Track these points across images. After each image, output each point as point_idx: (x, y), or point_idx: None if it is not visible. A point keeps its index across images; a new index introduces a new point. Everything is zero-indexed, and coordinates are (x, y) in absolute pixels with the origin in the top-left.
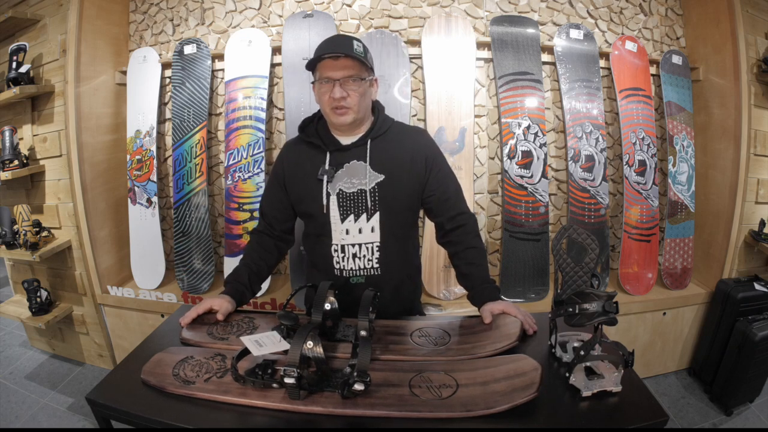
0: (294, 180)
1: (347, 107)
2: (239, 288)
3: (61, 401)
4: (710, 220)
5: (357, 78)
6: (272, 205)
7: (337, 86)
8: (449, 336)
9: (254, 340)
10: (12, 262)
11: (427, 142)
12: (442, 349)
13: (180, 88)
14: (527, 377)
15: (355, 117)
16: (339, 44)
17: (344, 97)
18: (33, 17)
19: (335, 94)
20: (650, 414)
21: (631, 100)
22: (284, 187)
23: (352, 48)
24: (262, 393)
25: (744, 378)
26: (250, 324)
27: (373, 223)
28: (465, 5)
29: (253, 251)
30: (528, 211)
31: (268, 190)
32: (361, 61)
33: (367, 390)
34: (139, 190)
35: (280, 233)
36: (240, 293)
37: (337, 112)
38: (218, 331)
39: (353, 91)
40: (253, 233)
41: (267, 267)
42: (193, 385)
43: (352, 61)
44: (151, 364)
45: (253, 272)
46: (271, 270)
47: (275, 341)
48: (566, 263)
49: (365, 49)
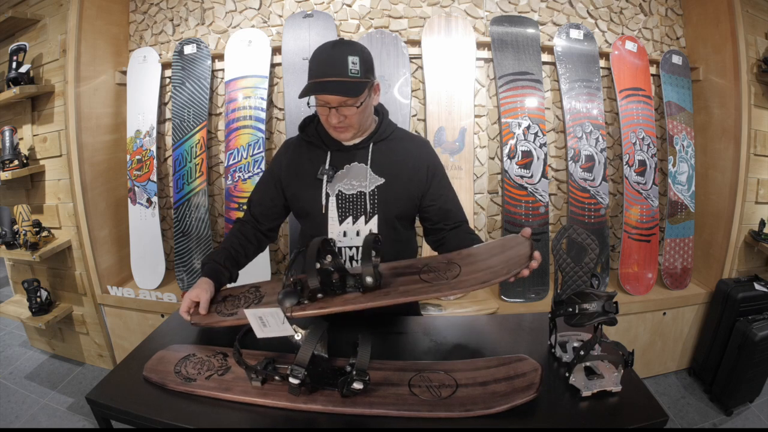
0: (292, 179)
1: (346, 126)
2: (216, 268)
3: (61, 401)
4: (710, 220)
5: (353, 104)
6: (261, 202)
7: (333, 113)
8: (459, 267)
9: (258, 316)
10: (12, 262)
11: (430, 152)
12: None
13: (180, 88)
14: (527, 378)
15: (355, 132)
16: (334, 66)
17: (342, 120)
18: (33, 17)
19: (332, 121)
20: (650, 414)
21: (631, 100)
22: (279, 186)
23: (347, 70)
24: (263, 391)
25: (744, 378)
26: (257, 294)
27: (371, 226)
28: (465, 5)
29: (234, 237)
30: (528, 211)
31: (260, 185)
32: (357, 85)
33: (366, 389)
34: (139, 190)
35: (264, 229)
36: (217, 272)
37: (337, 129)
38: (226, 307)
39: (351, 113)
40: (237, 221)
41: (245, 255)
42: (194, 383)
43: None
44: (153, 362)
45: (231, 256)
46: (248, 259)
47: (278, 322)
48: (566, 263)
49: (363, 59)
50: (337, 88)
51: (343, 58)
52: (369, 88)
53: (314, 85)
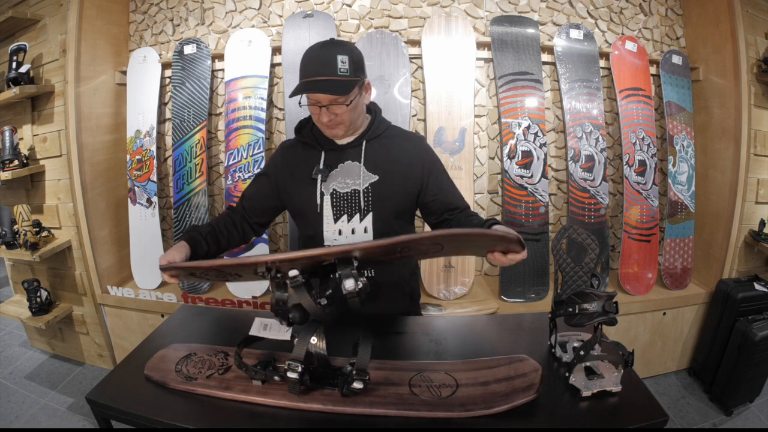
0: (287, 179)
1: (338, 124)
2: (197, 237)
3: (61, 401)
4: (710, 220)
5: (343, 102)
6: (253, 197)
7: (324, 111)
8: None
9: (264, 323)
10: (12, 262)
11: (426, 149)
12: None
13: (180, 88)
14: (527, 378)
15: (346, 129)
16: (323, 65)
17: (333, 119)
18: (33, 17)
19: (323, 119)
20: (650, 414)
21: (631, 100)
22: (275, 186)
23: (336, 69)
24: (263, 390)
25: (744, 378)
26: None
27: (366, 224)
28: (465, 5)
29: (222, 219)
30: (528, 211)
31: (255, 182)
32: (346, 83)
33: (366, 388)
34: (139, 190)
35: (252, 221)
36: (196, 241)
37: (328, 126)
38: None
39: (342, 111)
40: (229, 208)
41: (227, 239)
42: (195, 381)
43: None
44: (155, 361)
45: (214, 233)
46: (230, 245)
47: (281, 329)
48: (566, 263)
49: (352, 58)
50: (326, 87)
51: (332, 57)
52: (359, 87)
53: (304, 85)
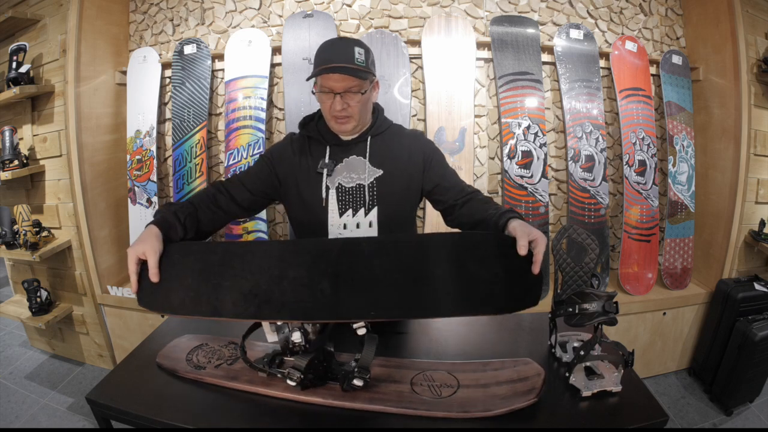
0: (292, 171)
1: (348, 116)
2: (169, 219)
3: (61, 401)
4: (710, 220)
5: (358, 91)
6: (245, 179)
7: (338, 99)
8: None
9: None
10: (12, 262)
11: (425, 142)
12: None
13: (180, 88)
14: (529, 382)
15: (355, 125)
16: (341, 53)
17: (345, 108)
18: (33, 17)
19: (336, 107)
20: (650, 414)
21: (631, 100)
22: (274, 172)
23: (353, 58)
24: (267, 381)
25: (744, 378)
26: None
27: (371, 218)
28: (465, 5)
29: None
30: (528, 211)
31: (253, 167)
32: (363, 72)
33: (368, 384)
34: (139, 190)
35: (236, 205)
36: (169, 224)
37: (339, 120)
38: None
39: (355, 102)
40: (214, 185)
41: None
42: (204, 371)
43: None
44: (168, 349)
45: (192, 214)
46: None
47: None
48: (566, 263)
49: (367, 53)
50: (344, 70)
51: (349, 47)
52: (371, 82)
53: (322, 69)
